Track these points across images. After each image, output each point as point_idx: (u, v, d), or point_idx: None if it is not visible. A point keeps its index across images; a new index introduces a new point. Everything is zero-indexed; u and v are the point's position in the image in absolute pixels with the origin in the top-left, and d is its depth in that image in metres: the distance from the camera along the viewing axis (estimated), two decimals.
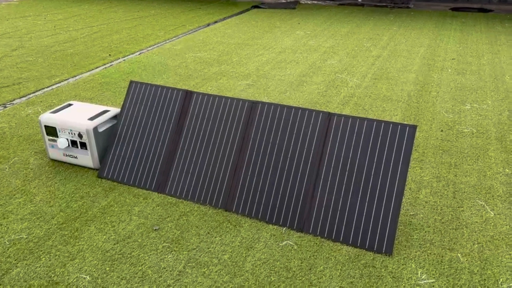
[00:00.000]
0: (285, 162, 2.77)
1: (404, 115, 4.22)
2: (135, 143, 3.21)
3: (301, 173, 2.72)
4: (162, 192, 3.04)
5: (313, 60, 5.93)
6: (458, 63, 5.72)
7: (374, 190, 2.55)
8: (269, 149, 2.83)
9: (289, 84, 5.06)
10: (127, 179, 3.15)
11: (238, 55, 6.24)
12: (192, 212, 2.85)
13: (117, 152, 3.24)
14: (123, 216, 2.82)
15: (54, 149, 3.39)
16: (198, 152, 3.03)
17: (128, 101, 3.32)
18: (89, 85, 5.13)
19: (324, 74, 5.37)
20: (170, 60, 6.02)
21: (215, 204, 2.89)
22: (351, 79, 5.20)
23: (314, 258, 2.44)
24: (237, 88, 4.99)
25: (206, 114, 3.08)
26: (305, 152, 2.74)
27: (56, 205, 2.94)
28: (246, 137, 2.92)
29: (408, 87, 4.92)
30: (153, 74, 5.46)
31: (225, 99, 3.05)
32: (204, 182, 2.95)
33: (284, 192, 2.73)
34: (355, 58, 5.99)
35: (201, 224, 2.73)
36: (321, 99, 4.61)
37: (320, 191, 2.65)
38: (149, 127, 3.20)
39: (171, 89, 3.22)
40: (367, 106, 4.42)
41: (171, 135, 3.13)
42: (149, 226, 2.72)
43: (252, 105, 2.96)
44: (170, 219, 2.78)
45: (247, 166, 2.87)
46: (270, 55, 6.23)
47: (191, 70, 5.61)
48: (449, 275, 2.31)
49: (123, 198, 3.00)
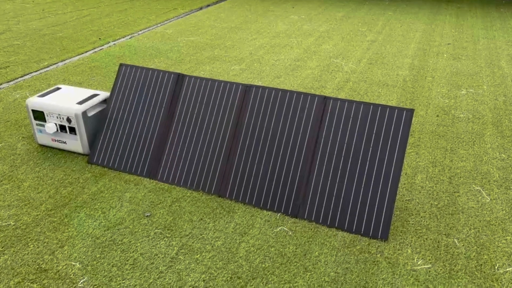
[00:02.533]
0: (280, 147, 2.71)
1: (399, 100, 4.16)
2: (126, 128, 3.13)
3: (296, 158, 2.66)
4: (153, 178, 2.98)
5: (307, 45, 5.84)
6: (454, 48, 5.67)
7: (370, 175, 2.50)
8: (263, 133, 2.77)
9: (284, 69, 4.98)
10: (118, 165, 3.08)
11: (231, 39, 6.13)
12: (184, 198, 2.79)
13: (107, 137, 3.16)
14: (114, 202, 2.75)
15: (42, 134, 3.30)
16: (190, 137, 2.96)
17: (118, 84, 3.22)
18: (78, 69, 5.01)
19: (319, 59, 5.29)
20: (161, 44, 5.90)
21: (208, 190, 2.83)
22: (346, 64, 5.13)
23: (309, 244, 2.40)
24: (230, 72, 4.90)
25: (198, 98, 3.00)
26: (300, 137, 2.68)
27: (45, 191, 2.86)
28: (239, 122, 2.85)
29: (403, 72, 4.86)
30: (144, 58, 5.34)
31: (218, 83, 2.97)
32: (197, 168, 2.89)
33: (278, 178, 2.68)
34: (350, 43, 5.91)
35: (194, 210, 2.68)
36: (315, 84, 4.54)
37: (315, 176, 2.60)
38: (140, 112, 3.12)
39: (162, 72, 3.13)
40: (362, 91, 4.36)
41: (163, 120, 3.05)
42: (140, 213, 2.66)
43: (246, 89, 2.89)
44: (162, 206, 2.72)
45: (241, 151, 2.80)
46: (264, 39, 6.12)
47: (183, 54, 5.49)
48: (446, 261, 2.28)
49: (114, 184, 2.94)
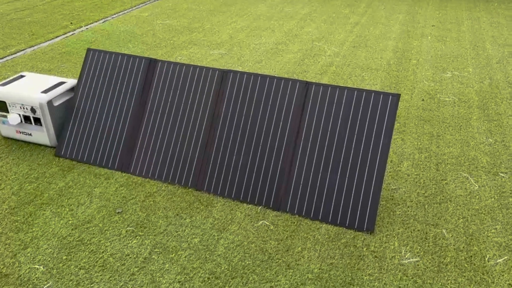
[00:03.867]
0: (260, 136, 2.55)
1: (383, 84, 4.03)
2: (95, 118, 2.92)
3: (277, 147, 2.51)
4: (126, 171, 2.79)
5: (289, 28, 5.65)
6: (438, 30, 5.55)
7: (354, 164, 2.37)
8: (242, 122, 2.60)
9: (264, 53, 4.79)
10: (87, 158, 2.88)
11: (210, 22, 5.89)
12: (159, 193, 2.62)
13: (75, 128, 2.95)
14: (83, 199, 2.56)
15: (6, 125, 3.07)
16: (164, 127, 2.77)
17: (86, 71, 3.00)
18: (48, 55, 4.73)
19: (301, 42, 5.11)
20: (136, 28, 5.62)
21: (185, 183, 2.66)
22: (329, 47, 4.96)
23: (291, 239, 2.27)
24: (209, 57, 4.69)
25: (172, 85, 2.81)
26: (281, 125, 2.52)
27: (8, 187, 2.66)
28: (217, 110, 2.67)
29: (387, 55, 4.72)
30: (118, 43, 5.08)
31: (193, 68, 2.78)
32: (172, 160, 2.71)
33: (259, 169, 2.53)
34: (332, 25, 5.74)
35: (169, 205, 2.51)
36: (297, 69, 4.37)
37: (298, 167, 2.46)
38: (110, 100, 2.91)
39: (133, 57, 2.91)
40: (345, 76, 4.21)
41: (135, 109, 2.85)
42: (111, 209, 2.48)
43: (223, 75, 2.70)
44: (134, 201, 2.55)
45: (219, 142, 2.64)
46: (244, 22, 5.90)
47: (159, 38, 5.25)
48: (434, 253, 2.18)
49: (83, 178, 2.74)
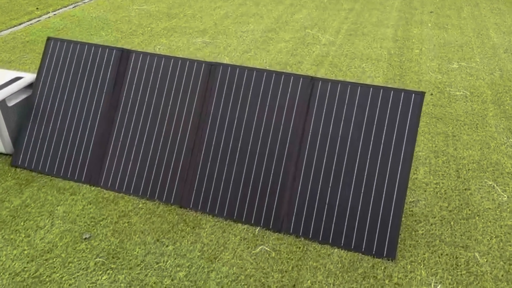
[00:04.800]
0: (256, 142, 2.13)
1: (386, 76, 3.65)
2: (58, 120, 2.45)
3: (278, 156, 2.10)
4: (95, 184, 2.34)
5: (278, 14, 5.20)
6: (438, 17, 5.19)
7: (371, 176, 1.98)
8: (235, 126, 2.18)
9: (253, 42, 4.35)
10: (49, 168, 2.41)
11: (191, 7, 5.39)
12: (135, 211, 2.18)
13: (35, 132, 2.47)
14: (43, 221, 2.11)
15: None
16: (141, 132, 2.33)
17: (46, 64, 2.51)
18: (9, 45, 4.18)
19: (292, 30, 4.68)
20: (110, 13, 5.09)
21: (167, 199, 2.23)
22: (323, 35, 4.55)
23: (298, 270, 1.88)
24: (191, 46, 4.22)
25: (150, 81, 2.36)
26: (281, 129, 2.11)
27: None
28: (204, 110, 2.24)
29: (387, 44, 4.34)
30: (89, 31, 4.55)
31: (174, 60, 2.33)
32: (151, 171, 2.28)
33: (256, 182, 2.11)
34: (325, 12, 5.31)
35: (148, 228, 2.08)
36: (291, 59, 3.95)
37: (303, 179, 2.05)
38: (75, 99, 2.44)
39: (102, 47, 2.44)
40: (344, 67, 3.81)
41: (104, 109, 2.39)
42: (77, 234, 2.04)
43: (210, 68, 2.27)
44: (105, 223, 2.11)
45: (207, 149, 2.21)
46: (230, 7, 5.42)
47: (135, 25, 4.74)
48: (469, 284, 1.82)
49: (44, 194, 2.28)
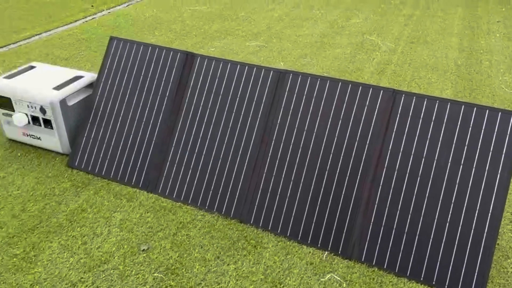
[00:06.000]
0: (327, 158, 1.97)
1: (455, 89, 3.40)
2: (117, 122, 2.38)
3: (351, 175, 1.93)
4: (153, 191, 2.25)
5: (334, 18, 5.01)
6: (506, 27, 4.84)
7: (459, 204, 1.77)
8: (303, 139, 2.03)
9: (309, 46, 4.18)
10: (106, 172, 2.35)
11: (244, 9, 5.29)
12: (194, 224, 2.07)
13: (93, 133, 2.42)
14: (99, 227, 2.04)
15: (11, 126, 2.56)
16: (203, 138, 2.22)
17: (108, 64, 2.45)
18: (65, 42, 4.21)
19: (349, 35, 4.48)
20: (163, 13, 5.07)
21: (226, 211, 2.11)
22: (383, 42, 4.32)
23: None
24: (245, 50, 4.11)
25: (214, 87, 2.24)
26: (356, 145, 1.93)
27: (8, 207, 2.15)
28: (270, 121, 2.10)
29: (452, 53, 4.06)
30: (143, 30, 4.53)
31: (241, 67, 2.21)
32: (211, 181, 2.16)
33: (325, 201, 1.95)
34: (383, 17, 5.07)
35: (207, 243, 1.96)
36: (350, 66, 3.76)
37: (379, 203, 1.87)
38: (136, 101, 2.37)
39: (166, 49, 2.35)
40: (408, 77, 3.58)
41: (166, 114, 2.30)
42: (134, 245, 1.95)
43: (279, 76, 2.12)
44: (164, 234, 2.01)
45: (271, 162, 2.07)
46: (283, 10, 5.28)
47: (189, 26, 4.68)
48: None
49: (100, 198, 2.22)
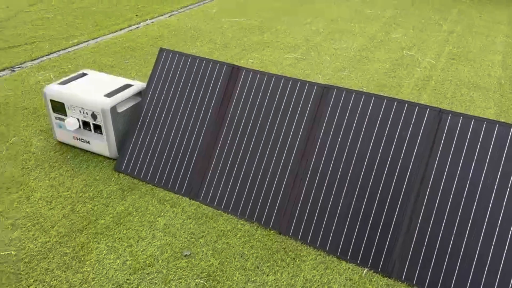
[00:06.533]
0: (369, 175, 1.99)
1: (499, 109, 3.33)
2: (163, 130, 2.48)
3: (393, 193, 1.93)
4: (195, 198, 2.32)
5: (373, 32, 5.01)
6: None
7: (505, 227, 1.75)
8: (345, 155, 2.05)
9: (347, 60, 4.20)
10: (151, 177, 2.44)
11: (282, 22, 5.36)
12: (234, 232, 2.12)
13: (140, 140, 2.52)
14: (144, 231, 2.12)
15: (62, 130, 2.70)
16: (244, 150, 2.28)
17: (157, 75, 2.56)
18: (111, 49, 4.40)
19: (388, 50, 4.47)
20: (204, 25, 5.20)
21: (265, 222, 2.15)
22: (423, 57, 4.29)
23: None
24: (283, 62, 4.17)
25: (257, 100, 2.30)
26: (400, 164, 1.94)
27: (59, 207, 2.27)
28: (312, 136, 2.14)
29: (496, 72, 3.99)
30: (185, 40, 4.67)
31: (285, 81, 2.26)
32: (251, 191, 2.21)
33: (366, 218, 1.96)
34: (423, 33, 5.03)
35: (247, 252, 2.01)
36: (389, 81, 3.75)
37: (421, 222, 1.87)
38: (182, 111, 2.45)
39: (213, 62, 2.44)
40: (449, 94, 3.54)
41: (210, 124, 2.38)
42: (177, 250, 2.02)
43: (323, 91, 2.16)
44: (205, 241, 2.07)
45: (312, 176, 2.10)
46: (320, 23, 5.33)
47: (228, 38, 4.79)
48: None
49: (145, 203, 2.30)
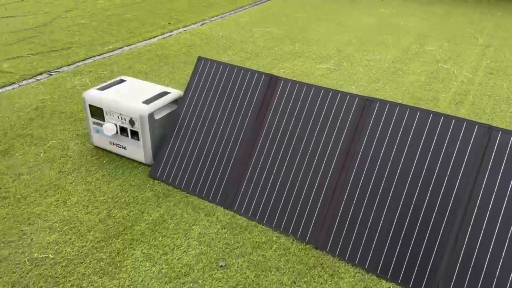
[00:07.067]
0: (413, 191, 1.92)
1: None
2: (199, 138, 2.47)
3: (439, 210, 1.87)
4: (229, 208, 2.30)
5: (406, 44, 4.93)
6: None
7: None
8: (387, 170, 1.99)
9: (381, 72, 4.13)
10: (186, 185, 2.43)
11: (313, 32, 5.34)
12: (269, 244, 2.09)
13: (176, 147, 2.53)
14: (179, 239, 2.11)
15: (99, 134, 2.73)
16: (281, 161, 2.25)
17: (195, 83, 2.57)
18: (145, 56, 4.46)
19: (423, 63, 4.38)
20: (235, 33, 5.23)
21: (301, 236, 2.11)
22: (460, 71, 4.18)
23: None
24: (315, 72, 4.14)
25: (296, 110, 2.27)
26: (446, 181, 1.87)
27: (95, 211, 2.28)
28: (352, 149, 2.09)
29: None
30: (217, 49, 4.70)
31: (324, 92, 2.22)
32: (287, 203, 2.18)
33: (409, 235, 1.90)
34: (458, 46, 4.92)
35: (283, 266, 1.97)
36: (425, 94, 3.67)
37: (468, 241, 1.79)
38: (219, 120, 2.45)
39: (251, 72, 2.43)
40: (488, 109, 3.43)
41: (247, 134, 2.36)
42: (213, 260, 1.99)
43: (365, 104, 2.12)
44: (240, 252, 2.04)
45: (351, 191, 2.05)
46: (352, 33, 5.28)
47: (260, 47, 4.79)
48: None
49: (180, 210, 2.30)
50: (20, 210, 2.27)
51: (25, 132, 2.98)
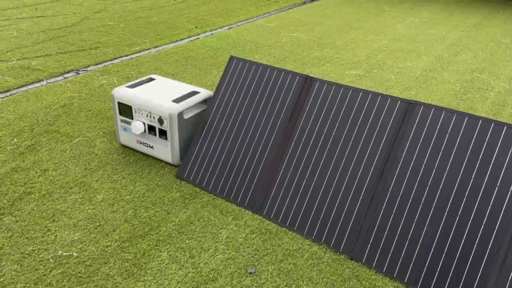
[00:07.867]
0: (460, 200, 1.79)
1: None
2: (229, 139, 2.39)
3: (487, 222, 1.73)
4: (258, 212, 2.21)
5: (439, 53, 4.78)
6: None
7: None
8: (431, 178, 1.87)
9: (413, 80, 4.00)
10: (213, 186, 2.35)
11: (342, 38, 5.24)
12: (301, 252, 1.98)
13: (204, 148, 2.45)
14: (206, 242, 2.02)
15: (127, 132, 2.68)
16: (314, 165, 2.15)
17: (225, 82, 2.50)
18: (172, 58, 4.43)
19: (457, 72, 4.23)
20: (262, 38, 5.17)
21: (335, 245, 1.99)
22: (496, 81, 4.02)
23: None
24: (345, 78, 4.03)
25: (331, 112, 2.17)
26: (497, 190, 1.74)
27: (121, 210, 2.22)
28: (392, 155, 1.98)
29: None
30: (244, 52, 4.64)
31: (363, 94, 2.12)
32: (320, 210, 2.07)
33: (453, 248, 1.77)
34: (493, 56, 4.75)
35: (316, 276, 1.85)
36: (461, 104, 3.52)
37: None
38: (250, 121, 2.36)
39: (285, 72, 2.34)
40: None
41: (279, 136, 2.27)
42: (241, 266, 1.90)
43: (408, 107, 2.00)
44: (270, 259, 1.94)
45: (391, 200, 1.93)
46: (382, 41, 5.16)
47: (287, 52, 4.72)
48: None
49: (207, 213, 2.21)
50: (45, 206, 2.22)
51: (52, 128, 2.96)
